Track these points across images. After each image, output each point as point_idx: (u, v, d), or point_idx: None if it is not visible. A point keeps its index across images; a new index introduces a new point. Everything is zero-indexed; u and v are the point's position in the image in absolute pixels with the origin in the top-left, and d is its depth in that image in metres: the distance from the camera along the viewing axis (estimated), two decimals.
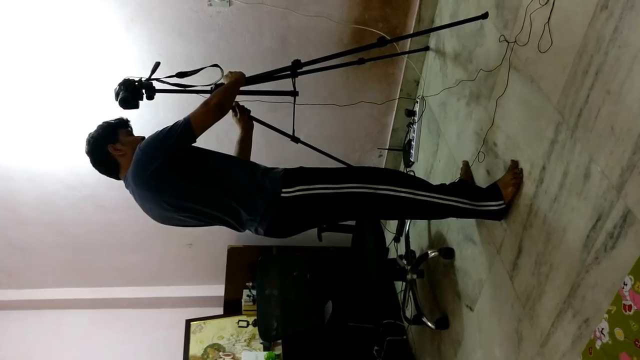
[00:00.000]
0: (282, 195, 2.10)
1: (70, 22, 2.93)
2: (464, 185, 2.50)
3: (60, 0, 2.84)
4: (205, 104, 2.10)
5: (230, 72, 2.34)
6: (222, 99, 2.15)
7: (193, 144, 2.11)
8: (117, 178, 2.24)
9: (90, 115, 3.18)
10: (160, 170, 2.04)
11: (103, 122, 2.26)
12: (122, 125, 2.27)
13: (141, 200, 2.19)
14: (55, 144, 3.39)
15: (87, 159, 2.23)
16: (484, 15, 2.42)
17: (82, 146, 2.23)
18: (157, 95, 2.36)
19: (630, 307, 1.41)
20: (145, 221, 3.83)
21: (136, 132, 2.32)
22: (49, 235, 3.93)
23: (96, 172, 2.25)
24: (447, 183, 2.38)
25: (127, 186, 2.21)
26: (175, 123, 2.07)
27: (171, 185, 2.11)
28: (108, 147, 2.16)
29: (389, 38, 2.59)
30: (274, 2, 2.96)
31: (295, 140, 2.59)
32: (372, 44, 2.57)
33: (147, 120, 2.96)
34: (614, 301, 1.49)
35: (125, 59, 3.06)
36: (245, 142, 2.57)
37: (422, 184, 2.24)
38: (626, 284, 1.43)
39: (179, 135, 2.04)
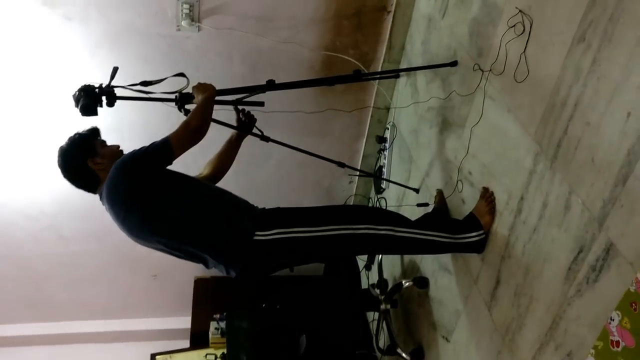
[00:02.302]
0: (257, 238, 2.01)
1: (31, 46, 2.83)
2: (440, 215, 2.47)
3: (21, 23, 2.75)
4: (187, 125, 2.04)
5: (200, 84, 2.24)
6: (203, 120, 2.08)
7: (168, 167, 2.03)
8: (93, 192, 2.14)
9: (51, 142, 3.07)
10: (133, 192, 1.98)
11: (76, 134, 2.14)
12: (96, 135, 2.17)
13: (114, 218, 2.09)
14: (13, 173, 3.25)
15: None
16: (453, 63, 2.44)
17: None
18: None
19: (618, 343, 1.38)
20: (109, 252, 3.76)
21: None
22: (6, 268, 3.76)
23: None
24: (424, 211, 2.36)
25: (102, 201, 2.11)
26: (153, 142, 2.00)
27: (140, 213, 2.01)
28: (88, 162, 2.07)
29: (364, 70, 2.58)
30: (244, 27, 2.93)
31: (266, 139, 2.54)
32: (348, 76, 2.56)
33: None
34: (600, 336, 1.46)
35: None
36: (232, 149, 2.47)
37: (401, 220, 2.20)
38: (613, 320, 1.40)
39: (157, 155, 1.97)
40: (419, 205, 2.73)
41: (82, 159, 2.07)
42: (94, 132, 2.17)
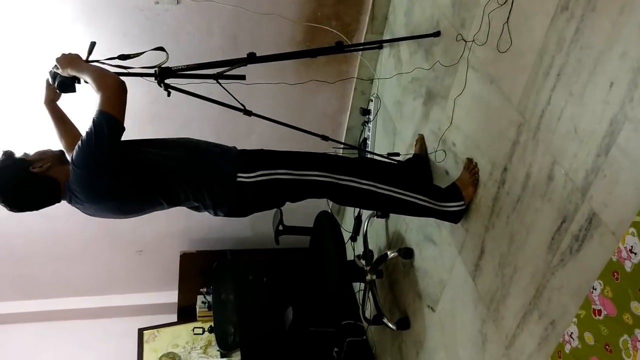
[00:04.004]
0: (241, 179, 2.02)
1: (5, 21, 2.75)
2: (419, 163, 2.52)
3: None
4: (104, 88, 1.85)
5: (63, 56, 2.03)
6: (105, 77, 1.89)
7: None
8: (59, 199, 1.96)
9: (28, 120, 3.02)
10: (115, 181, 1.87)
11: (4, 152, 1.89)
12: (13, 155, 1.92)
13: (101, 212, 2.01)
14: None
15: None
16: (436, 34, 2.43)
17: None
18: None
19: (600, 311, 1.40)
20: (92, 228, 3.73)
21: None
22: None
23: None
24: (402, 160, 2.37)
25: (72, 204, 1.97)
26: (94, 124, 1.80)
27: (128, 192, 1.94)
28: (32, 170, 1.85)
29: (347, 42, 2.55)
30: None
31: (248, 113, 2.51)
32: (330, 47, 2.53)
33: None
34: (583, 305, 1.48)
35: None
36: (62, 115, 2.20)
37: (385, 178, 2.19)
38: (595, 289, 1.42)
39: (109, 132, 1.80)
40: (389, 155, 2.77)
41: (25, 171, 1.85)
42: (11, 153, 1.91)
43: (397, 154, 2.78)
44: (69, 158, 1.94)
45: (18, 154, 1.92)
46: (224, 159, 2.06)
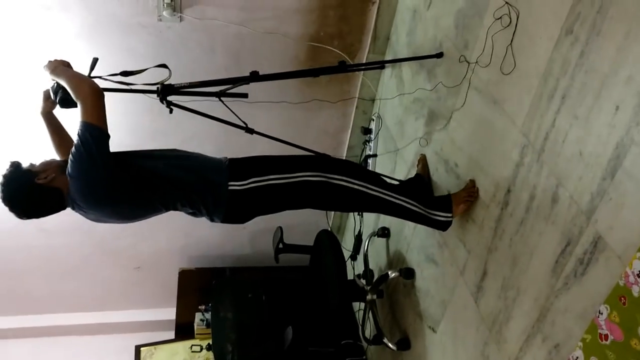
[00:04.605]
0: (232, 188, 2.04)
1: (8, 37, 2.76)
2: (419, 182, 2.52)
3: None
4: (82, 97, 1.88)
5: (49, 63, 2.07)
6: (81, 82, 1.93)
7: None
8: (64, 207, 2.02)
9: (28, 134, 3.01)
10: (108, 187, 1.93)
11: (11, 163, 1.95)
12: (20, 166, 1.98)
13: (103, 218, 2.08)
14: None
15: None
16: (439, 55, 2.44)
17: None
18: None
19: (606, 336, 1.39)
20: (91, 244, 3.71)
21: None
22: None
23: None
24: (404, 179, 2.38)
25: (76, 210, 2.04)
26: (79, 136, 1.85)
27: (125, 198, 2.00)
28: (37, 181, 1.90)
29: (349, 61, 2.56)
30: (227, 18, 2.88)
31: (250, 131, 2.51)
32: (333, 67, 2.54)
33: None
34: (588, 330, 1.47)
35: None
36: (58, 125, 2.24)
37: (376, 180, 2.23)
38: (601, 313, 1.41)
39: (94, 142, 1.84)
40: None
41: (31, 183, 1.90)
42: (17, 164, 1.97)
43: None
44: None
45: (25, 164, 1.97)
46: (214, 169, 2.09)
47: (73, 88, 1.93)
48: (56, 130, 2.21)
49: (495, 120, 2.02)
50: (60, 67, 2.04)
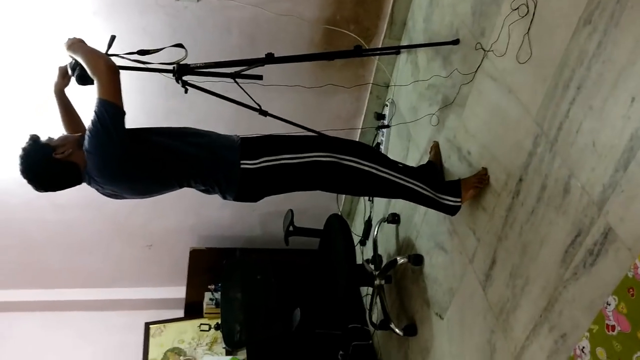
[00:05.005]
0: (245, 166, 2.06)
1: (26, 11, 2.77)
2: (431, 169, 2.53)
3: None
4: (98, 74, 1.92)
5: (69, 40, 2.10)
6: (97, 58, 1.96)
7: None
8: (80, 182, 2.07)
9: (44, 111, 3.04)
10: (124, 162, 1.97)
11: (22, 150, 1.97)
12: (38, 139, 2.02)
13: (118, 193, 2.12)
14: (6, 140, 3.22)
15: None
16: (455, 42, 2.43)
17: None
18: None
19: (613, 327, 1.40)
20: (104, 221, 3.75)
21: None
22: (0, 235, 3.74)
23: None
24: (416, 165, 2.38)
25: (92, 185, 2.08)
26: (95, 113, 1.89)
27: (140, 174, 2.05)
28: (54, 156, 1.95)
29: (365, 46, 2.55)
30: None
31: (264, 113, 2.52)
32: (349, 51, 2.53)
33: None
34: (595, 320, 1.47)
35: None
36: (68, 104, 2.28)
37: (386, 162, 2.25)
38: (609, 304, 1.42)
39: (109, 118, 1.88)
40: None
41: (49, 157, 1.95)
42: (36, 138, 2.01)
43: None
44: None
45: (43, 138, 2.01)
46: (226, 147, 2.11)
47: (90, 65, 1.96)
48: (67, 108, 2.25)
49: (510, 109, 2.01)
50: (77, 44, 2.07)
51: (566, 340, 1.67)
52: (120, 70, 2.02)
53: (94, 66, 1.94)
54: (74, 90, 2.23)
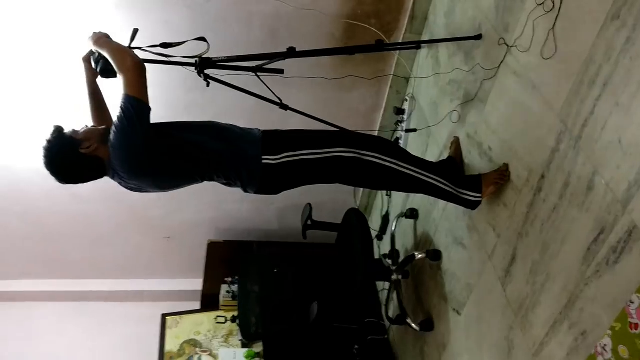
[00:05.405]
0: (266, 162, 2.08)
1: (49, 4, 2.80)
2: (451, 164, 2.52)
3: None
4: (125, 71, 1.93)
5: (94, 35, 2.12)
6: (124, 54, 1.98)
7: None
8: (103, 176, 2.09)
9: (65, 102, 3.07)
10: (148, 157, 1.99)
11: (47, 142, 1.98)
12: (62, 131, 2.04)
13: (141, 187, 2.14)
14: (27, 132, 3.26)
15: None
16: (477, 37, 2.41)
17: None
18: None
19: (637, 325, 1.39)
20: (123, 213, 3.79)
21: None
22: (20, 225, 3.79)
23: None
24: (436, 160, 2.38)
25: (115, 179, 2.10)
26: (121, 108, 1.90)
27: (163, 169, 2.07)
28: (80, 150, 1.97)
29: (386, 41, 2.55)
30: None
31: (284, 107, 2.53)
32: (370, 45, 2.53)
33: None
34: (618, 318, 1.46)
35: None
36: (99, 95, 2.29)
37: (407, 158, 2.24)
38: (633, 302, 1.41)
39: (135, 114, 1.90)
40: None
41: (75, 151, 1.97)
42: (61, 130, 2.03)
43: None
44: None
45: (67, 130, 2.03)
46: (248, 142, 2.12)
47: (117, 61, 1.97)
48: (97, 99, 2.26)
49: (533, 105, 2.00)
50: (103, 39, 2.09)
51: (586, 338, 1.66)
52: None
53: (121, 63, 1.95)
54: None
